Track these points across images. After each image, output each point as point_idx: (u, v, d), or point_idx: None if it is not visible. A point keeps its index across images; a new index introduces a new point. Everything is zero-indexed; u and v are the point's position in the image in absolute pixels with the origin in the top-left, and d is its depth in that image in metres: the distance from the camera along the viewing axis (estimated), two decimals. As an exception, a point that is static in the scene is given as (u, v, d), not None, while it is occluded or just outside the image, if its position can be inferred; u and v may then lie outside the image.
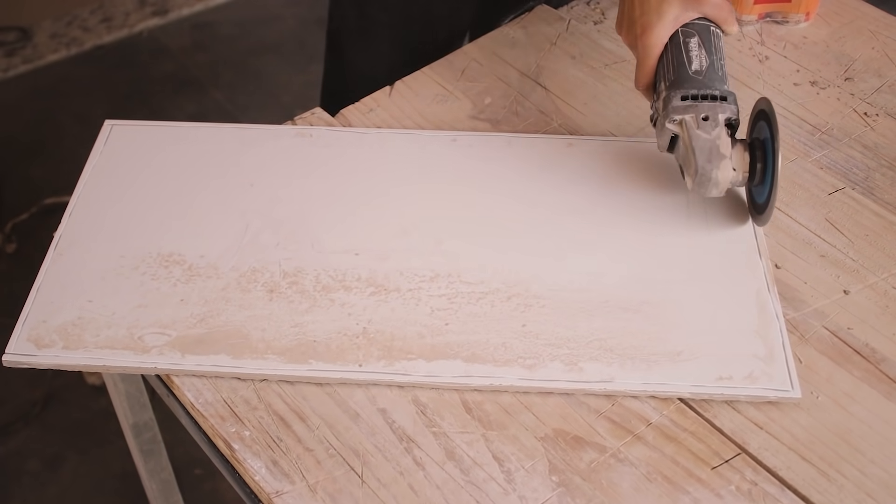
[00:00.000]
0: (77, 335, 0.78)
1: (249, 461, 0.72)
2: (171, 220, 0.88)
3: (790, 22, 1.06)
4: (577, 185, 0.90)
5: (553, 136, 0.95)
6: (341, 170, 0.92)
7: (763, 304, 0.80)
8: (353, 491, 0.70)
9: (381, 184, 0.91)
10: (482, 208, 0.88)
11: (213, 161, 0.93)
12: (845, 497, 0.70)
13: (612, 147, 0.93)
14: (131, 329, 0.79)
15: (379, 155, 0.93)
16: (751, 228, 0.86)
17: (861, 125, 0.96)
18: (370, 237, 0.86)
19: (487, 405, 0.75)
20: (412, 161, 0.93)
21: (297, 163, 0.92)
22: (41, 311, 0.80)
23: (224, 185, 0.91)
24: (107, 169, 0.92)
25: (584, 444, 0.73)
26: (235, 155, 0.93)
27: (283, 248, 0.85)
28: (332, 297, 0.81)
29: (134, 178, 0.92)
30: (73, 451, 1.62)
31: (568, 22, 1.07)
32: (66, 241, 0.86)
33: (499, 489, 0.70)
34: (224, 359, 0.76)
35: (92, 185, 0.91)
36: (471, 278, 0.82)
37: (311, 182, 0.91)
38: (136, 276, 0.83)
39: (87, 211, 0.88)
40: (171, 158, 0.93)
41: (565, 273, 0.83)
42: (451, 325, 0.79)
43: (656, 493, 0.70)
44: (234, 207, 0.88)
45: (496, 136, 0.95)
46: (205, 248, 0.85)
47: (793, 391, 0.74)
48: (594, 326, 0.79)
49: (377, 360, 0.76)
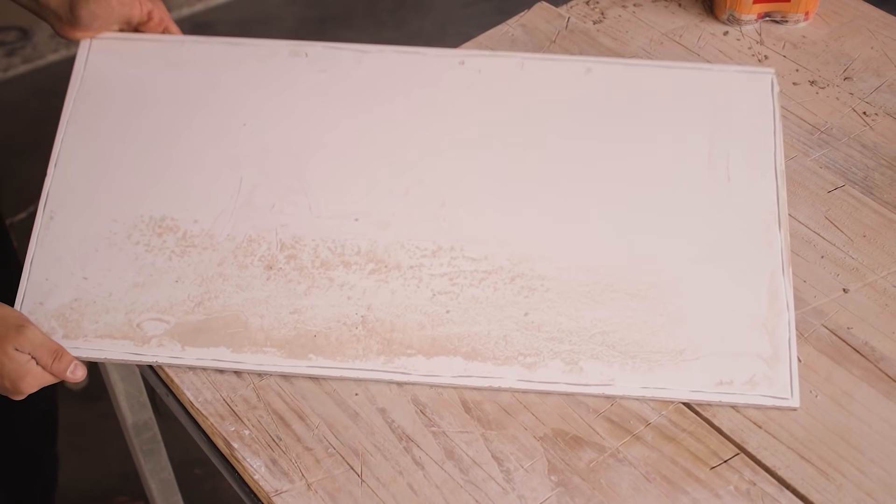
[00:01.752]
0: (76, 321, 0.78)
1: (249, 460, 0.72)
2: (162, 170, 0.83)
3: (789, 21, 1.06)
4: (593, 124, 0.84)
5: (570, 59, 0.89)
6: (338, 104, 0.86)
7: (775, 291, 0.77)
8: (353, 490, 0.70)
9: (380, 122, 0.85)
10: (487, 154, 0.83)
11: (203, 91, 0.87)
12: (844, 496, 0.70)
13: (633, 73, 0.87)
14: (129, 314, 0.78)
15: (379, 82, 0.87)
16: (774, 188, 0.82)
17: (860, 124, 0.96)
18: (370, 194, 0.82)
19: (486, 405, 0.75)
20: (415, 91, 0.87)
21: (291, 94, 0.87)
22: (37, 291, 0.79)
23: (215, 124, 0.85)
24: (89, 102, 0.87)
25: (583, 444, 0.73)
26: (226, 83, 0.87)
27: (279, 212, 0.81)
28: (331, 275, 0.79)
29: (118, 113, 0.86)
30: (73, 451, 1.62)
31: (567, 20, 1.07)
32: (55, 199, 0.82)
33: (498, 489, 0.70)
34: (224, 352, 0.76)
35: (75, 126, 0.86)
36: (474, 253, 0.79)
37: (306, 121, 0.86)
38: (129, 246, 0.80)
39: (72, 159, 0.84)
40: (159, 86, 0.87)
41: (573, 247, 0.79)
42: (451, 312, 0.77)
43: (655, 493, 0.70)
44: (227, 155, 0.84)
45: (508, 57, 0.88)
46: (198, 209, 0.82)
47: (791, 399, 0.74)
48: (598, 317, 0.77)
49: (377, 355, 0.76)
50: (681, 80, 0.86)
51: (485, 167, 0.83)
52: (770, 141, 0.84)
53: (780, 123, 0.85)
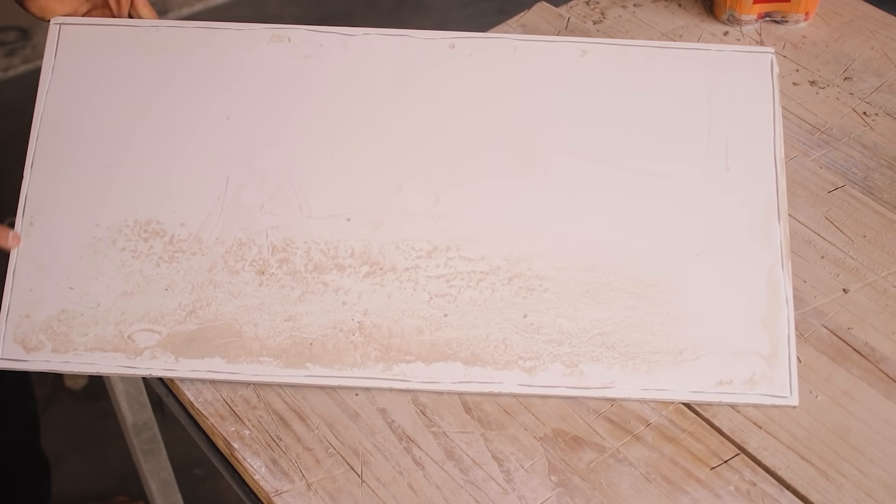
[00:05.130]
0: (65, 334, 0.76)
1: (249, 460, 0.72)
2: (143, 169, 0.81)
3: (789, 21, 1.06)
4: (588, 112, 0.83)
5: (564, 40, 0.86)
6: (325, 93, 0.83)
7: (774, 286, 0.77)
8: (353, 490, 0.70)
9: (369, 112, 0.83)
10: (481, 144, 0.81)
11: (182, 81, 0.84)
12: (844, 496, 0.70)
13: (630, 55, 0.85)
14: (119, 326, 0.76)
15: (367, 69, 0.84)
16: (773, 178, 0.81)
17: (860, 125, 0.96)
18: (361, 191, 0.80)
19: (487, 405, 0.75)
20: (404, 77, 0.84)
21: (275, 83, 0.84)
22: (22, 303, 0.77)
23: (197, 117, 0.82)
24: (62, 96, 0.83)
25: (583, 445, 0.73)
26: (206, 72, 0.84)
27: (268, 213, 0.79)
28: (325, 279, 0.77)
29: (93, 107, 0.83)
30: (73, 451, 1.62)
31: (567, 20, 1.07)
32: (34, 204, 0.80)
33: (498, 489, 0.70)
34: (219, 363, 0.75)
35: (48, 122, 0.83)
36: (471, 253, 0.78)
37: (292, 112, 0.82)
38: (115, 252, 0.78)
39: (48, 158, 0.81)
40: (135, 78, 0.84)
41: (570, 244, 0.78)
42: (450, 316, 0.77)
43: (655, 493, 0.70)
44: (211, 152, 0.81)
45: (500, 39, 0.85)
46: (184, 212, 0.79)
47: (790, 398, 0.74)
48: (597, 317, 0.77)
49: (375, 362, 0.75)
50: (678, 61, 0.84)
51: (479, 158, 0.81)
52: (769, 129, 0.82)
53: (779, 109, 0.83)
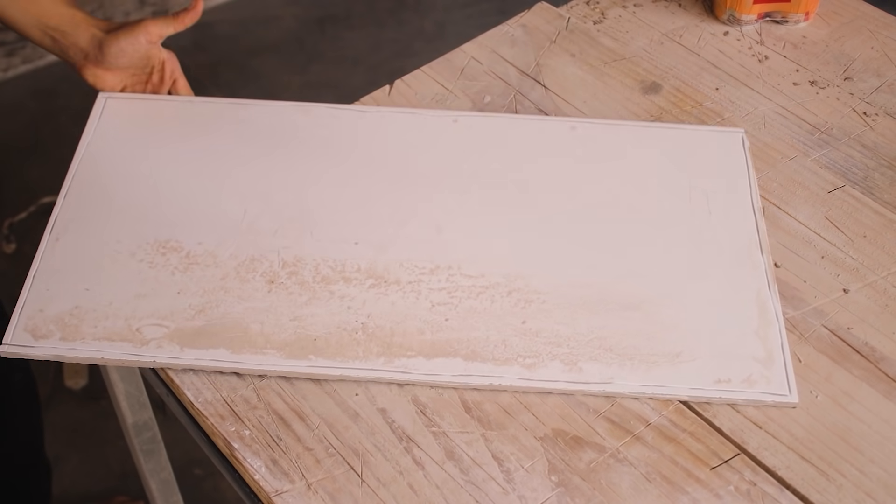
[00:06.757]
0: (75, 325, 0.78)
1: (249, 460, 0.72)
2: (168, 203, 0.87)
3: (789, 22, 1.06)
4: (579, 172, 0.90)
5: (556, 119, 0.95)
6: (340, 149, 0.91)
7: (763, 304, 0.80)
8: (353, 490, 0.70)
9: (379, 165, 0.90)
10: (481, 192, 0.88)
11: (209, 140, 0.92)
12: (844, 496, 0.70)
13: (616, 131, 0.93)
14: (129, 320, 0.78)
15: (379, 135, 0.93)
16: (753, 221, 0.86)
17: (860, 125, 0.96)
18: (368, 223, 0.85)
19: (487, 405, 0.75)
20: (412, 142, 0.92)
21: (294, 145, 0.92)
22: (38, 300, 0.79)
23: (221, 166, 0.90)
24: (102, 146, 0.91)
25: (583, 444, 0.73)
26: (232, 133, 0.92)
27: (281, 236, 0.84)
28: (332, 288, 0.80)
29: (129, 156, 0.90)
30: (73, 451, 1.62)
31: (567, 20, 1.07)
32: (62, 225, 0.85)
33: (498, 489, 0.70)
34: (223, 353, 0.76)
35: (87, 164, 0.90)
36: (471, 271, 0.82)
37: (309, 165, 0.90)
38: (132, 263, 0.82)
39: (81, 191, 0.87)
40: (167, 136, 0.92)
41: (566, 266, 0.82)
42: (450, 320, 0.79)
43: (655, 493, 0.70)
44: (232, 191, 0.88)
45: (498, 117, 0.95)
46: (202, 234, 0.84)
47: (790, 396, 0.74)
48: (594, 324, 0.78)
49: (377, 356, 0.76)
50: (659, 136, 0.93)
51: (479, 199, 0.88)
52: (745, 181, 0.89)
53: (753, 171, 0.90)
